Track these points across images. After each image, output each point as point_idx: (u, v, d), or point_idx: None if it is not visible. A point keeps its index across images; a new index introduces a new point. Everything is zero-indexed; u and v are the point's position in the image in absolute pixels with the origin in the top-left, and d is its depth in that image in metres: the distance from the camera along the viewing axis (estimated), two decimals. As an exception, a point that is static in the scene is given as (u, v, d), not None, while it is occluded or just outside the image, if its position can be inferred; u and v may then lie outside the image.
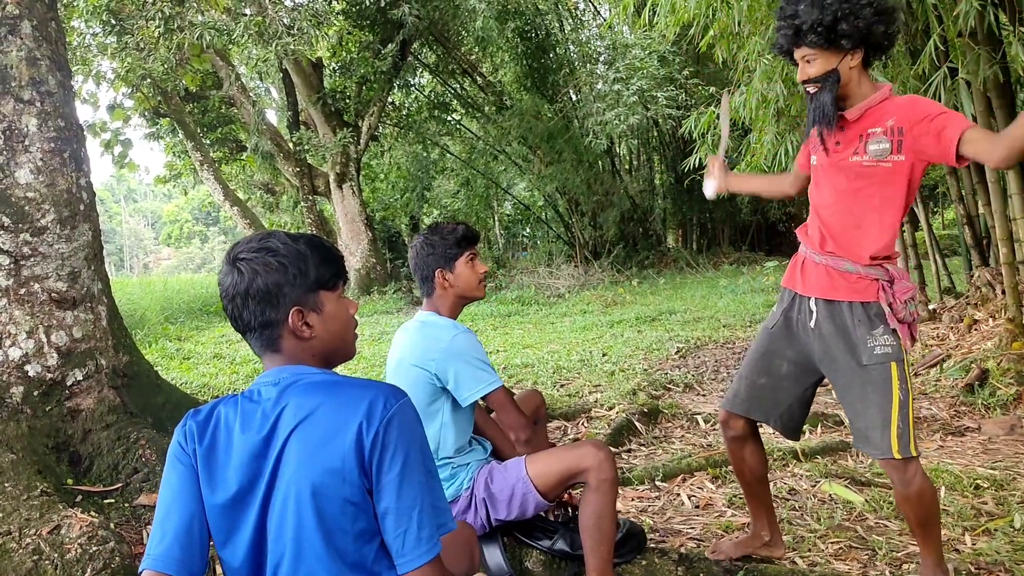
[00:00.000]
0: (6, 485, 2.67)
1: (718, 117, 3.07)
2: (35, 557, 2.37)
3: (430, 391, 2.53)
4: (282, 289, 1.56)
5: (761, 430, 4.58)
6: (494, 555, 2.60)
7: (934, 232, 7.32)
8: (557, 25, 17.94)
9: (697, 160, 7.60)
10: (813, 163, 2.62)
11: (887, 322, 2.39)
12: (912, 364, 5.89)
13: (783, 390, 2.67)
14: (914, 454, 2.35)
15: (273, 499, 1.51)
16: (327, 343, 1.65)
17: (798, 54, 2.40)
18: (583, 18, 19.71)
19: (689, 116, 7.43)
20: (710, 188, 2.93)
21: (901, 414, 2.34)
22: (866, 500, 3.43)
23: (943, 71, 4.66)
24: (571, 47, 18.38)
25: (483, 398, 2.56)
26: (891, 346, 2.39)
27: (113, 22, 9.37)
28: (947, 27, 4.79)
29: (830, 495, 3.54)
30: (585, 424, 4.91)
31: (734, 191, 3.00)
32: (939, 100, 4.77)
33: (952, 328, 6.14)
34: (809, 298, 2.57)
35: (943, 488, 3.53)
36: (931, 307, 6.78)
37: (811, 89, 2.44)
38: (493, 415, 2.79)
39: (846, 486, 3.61)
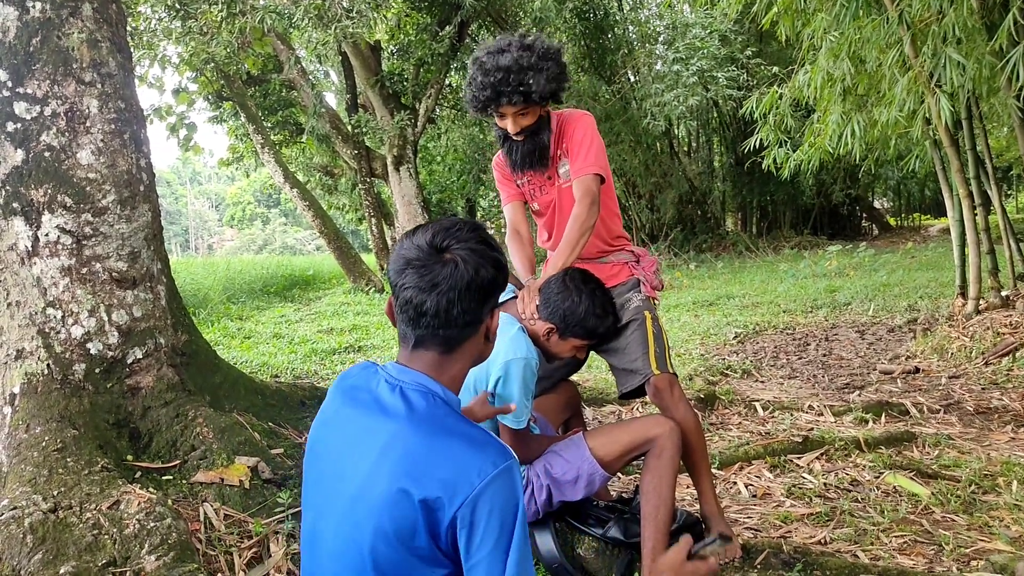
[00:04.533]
0: (68, 460, 2.73)
1: None
2: (95, 531, 2.41)
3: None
4: (496, 287, 1.50)
5: (820, 418, 4.47)
6: (546, 541, 2.58)
7: (1008, 216, 7.01)
8: (616, 5, 17.69)
9: (758, 141, 7.43)
10: (535, 208, 2.99)
11: (640, 289, 2.82)
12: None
13: (561, 369, 2.98)
14: (671, 371, 2.70)
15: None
16: (489, 348, 1.60)
17: (512, 110, 2.66)
18: (642, -3, 19.39)
19: (750, 96, 7.26)
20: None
21: (657, 342, 2.71)
22: (933, 493, 3.31)
23: (1022, 47, 4.44)
24: (630, 27, 18.13)
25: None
26: (643, 300, 2.80)
27: (177, 7, 9.51)
28: (1028, -1, 4.55)
29: (894, 487, 3.42)
30: (640, 409, 4.85)
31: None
32: (1017, 77, 4.55)
33: (1026, 316, 5.90)
34: None
35: (1015, 482, 3.38)
36: (1004, 294, 6.51)
37: (520, 138, 2.75)
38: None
39: (911, 478, 3.48)
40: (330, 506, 1.48)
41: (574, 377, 3.25)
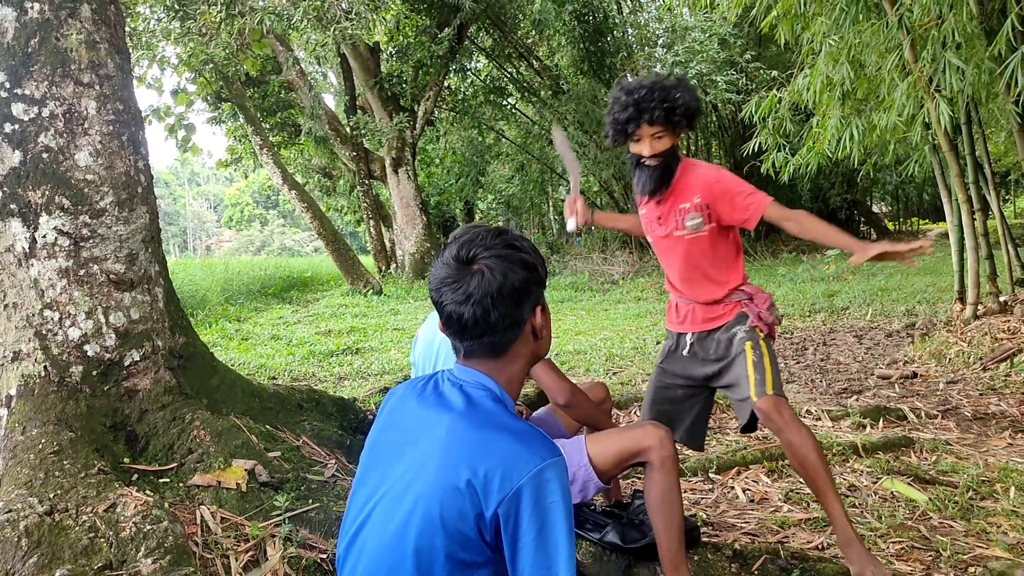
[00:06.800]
0: (65, 463, 2.71)
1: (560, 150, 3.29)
2: (91, 534, 2.40)
3: None
4: (530, 287, 1.56)
5: (818, 422, 4.46)
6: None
7: (1006, 221, 7.02)
8: (615, 7, 17.71)
9: (757, 145, 7.43)
10: (649, 240, 3.07)
11: (746, 322, 2.85)
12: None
13: (683, 410, 3.06)
14: (769, 392, 2.69)
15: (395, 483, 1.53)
16: (544, 344, 1.66)
17: (650, 131, 2.75)
18: (642, 0, 19.42)
19: (749, 100, 7.26)
20: (571, 224, 3.02)
21: (756, 369, 2.74)
22: (930, 499, 3.30)
23: (1021, 52, 4.45)
24: (629, 30, 18.14)
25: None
26: (747, 331, 2.82)
27: (176, 7, 9.51)
28: (1027, 5, 4.56)
29: (892, 493, 3.42)
30: (638, 413, 4.84)
31: (600, 225, 3.28)
32: (1016, 82, 4.56)
33: (1024, 321, 5.90)
34: (685, 333, 3.00)
35: (1012, 488, 3.38)
36: (1002, 299, 6.52)
37: (652, 162, 2.80)
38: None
39: (909, 484, 3.48)
40: (383, 489, 1.54)
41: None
